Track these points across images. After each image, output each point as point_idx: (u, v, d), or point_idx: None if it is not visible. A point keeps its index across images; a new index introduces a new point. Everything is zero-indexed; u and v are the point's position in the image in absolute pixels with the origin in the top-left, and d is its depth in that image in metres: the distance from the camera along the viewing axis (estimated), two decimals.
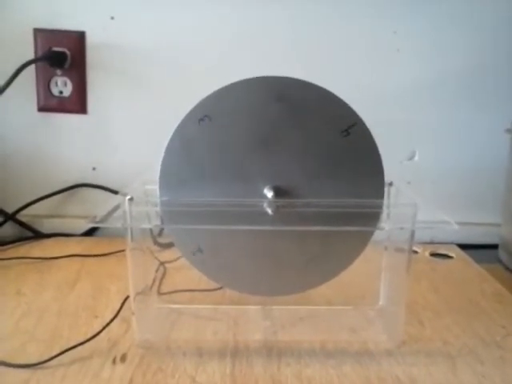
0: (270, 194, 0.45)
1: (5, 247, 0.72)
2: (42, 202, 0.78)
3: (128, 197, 0.42)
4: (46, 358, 0.44)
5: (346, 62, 0.77)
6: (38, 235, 0.78)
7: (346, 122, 0.45)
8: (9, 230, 0.77)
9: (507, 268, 0.72)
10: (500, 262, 0.74)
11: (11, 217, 0.77)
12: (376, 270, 0.53)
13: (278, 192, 0.45)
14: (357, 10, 0.76)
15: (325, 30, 0.76)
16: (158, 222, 0.46)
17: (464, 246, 0.77)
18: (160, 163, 0.45)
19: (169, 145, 0.45)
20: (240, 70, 0.73)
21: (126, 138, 0.79)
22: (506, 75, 0.74)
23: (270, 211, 0.44)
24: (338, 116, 0.45)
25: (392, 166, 0.47)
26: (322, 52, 0.77)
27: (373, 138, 0.46)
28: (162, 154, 0.45)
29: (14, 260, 0.67)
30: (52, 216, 0.80)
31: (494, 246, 0.77)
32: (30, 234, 0.78)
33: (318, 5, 0.75)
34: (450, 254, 0.74)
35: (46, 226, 0.79)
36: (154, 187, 0.46)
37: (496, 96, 0.79)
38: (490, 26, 0.77)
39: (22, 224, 0.78)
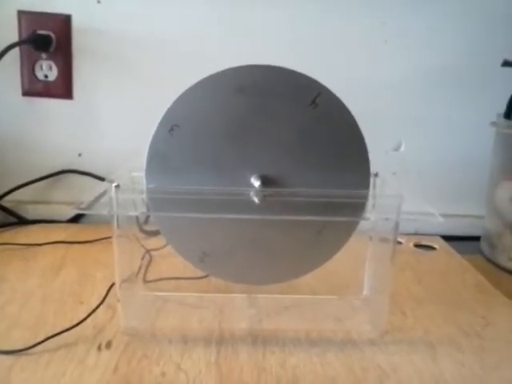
0: (257, 183, 0.45)
1: None
2: (26, 188, 0.77)
3: (114, 184, 0.42)
4: (30, 344, 0.44)
5: (332, 52, 0.77)
6: (22, 221, 0.77)
7: (310, 94, 0.44)
8: None
9: (489, 259, 0.73)
10: (482, 253, 0.75)
11: None
12: (361, 259, 0.53)
13: (266, 181, 0.45)
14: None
15: (311, 21, 0.76)
16: (144, 210, 0.46)
17: (448, 238, 0.78)
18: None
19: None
20: (229, 55, 0.73)
21: (112, 124, 0.78)
22: (495, 68, 0.74)
23: (256, 200, 0.44)
24: (301, 90, 0.44)
25: (378, 157, 0.47)
26: (309, 42, 0.76)
27: (342, 102, 0.45)
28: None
29: None
30: (37, 202, 0.79)
31: (477, 238, 0.78)
32: (14, 219, 0.77)
33: None
34: (434, 246, 0.75)
35: (30, 212, 0.78)
36: (141, 174, 0.46)
37: (484, 89, 0.80)
38: (481, 19, 0.77)
39: (5, 210, 0.77)
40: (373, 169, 0.47)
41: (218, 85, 0.44)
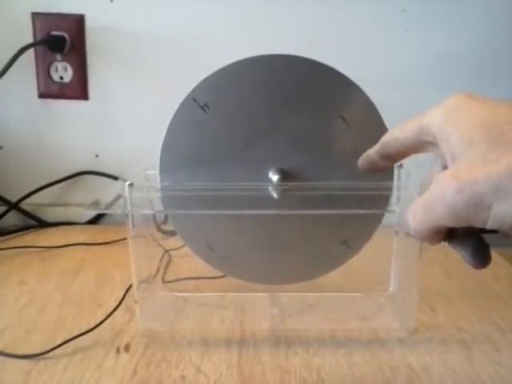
0: (275, 177, 0.43)
1: (8, 236, 0.71)
2: (45, 191, 0.77)
3: (128, 182, 0.41)
4: (48, 347, 0.43)
5: (352, 40, 0.75)
6: (41, 224, 0.77)
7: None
8: (12, 219, 0.76)
9: None
10: None
11: (14, 206, 0.76)
12: (386, 255, 0.51)
13: (285, 175, 0.43)
14: None
15: (330, 8, 0.73)
16: (161, 209, 0.44)
17: None
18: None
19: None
20: (244, 51, 0.72)
21: (128, 124, 0.77)
22: None
23: (275, 195, 0.42)
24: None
25: None
26: (328, 30, 0.74)
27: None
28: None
29: (17, 249, 0.66)
30: (55, 204, 0.79)
31: None
32: (33, 222, 0.77)
33: None
34: None
35: (49, 215, 0.78)
36: (156, 172, 0.45)
37: (510, 77, 0.77)
38: (504, 4, 0.74)
39: (25, 213, 0.77)
40: None
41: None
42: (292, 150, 0.43)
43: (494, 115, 0.25)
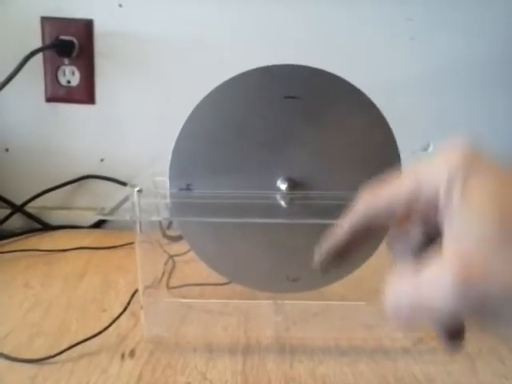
0: (283, 185, 0.43)
1: (13, 239, 0.71)
2: (50, 194, 0.77)
3: (137, 188, 0.41)
4: (53, 352, 0.43)
5: (358, 49, 0.75)
6: (46, 227, 0.77)
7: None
8: (17, 221, 0.76)
9: None
10: None
11: (19, 209, 0.76)
12: (390, 263, 0.51)
13: (293, 184, 0.43)
14: None
15: (336, 17, 0.74)
16: (167, 215, 0.44)
17: None
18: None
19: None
20: (253, 57, 0.72)
21: (135, 129, 0.77)
22: None
23: (283, 204, 0.42)
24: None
25: (406, 158, 0.46)
26: (334, 39, 0.75)
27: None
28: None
29: (22, 252, 0.66)
30: (60, 208, 0.79)
31: None
32: (38, 225, 0.77)
33: None
34: None
35: (54, 218, 0.78)
36: (164, 179, 0.45)
37: None
38: (510, 14, 0.74)
39: (30, 216, 0.77)
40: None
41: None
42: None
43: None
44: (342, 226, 0.28)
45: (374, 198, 0.26)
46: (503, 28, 0.75)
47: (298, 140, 0.43)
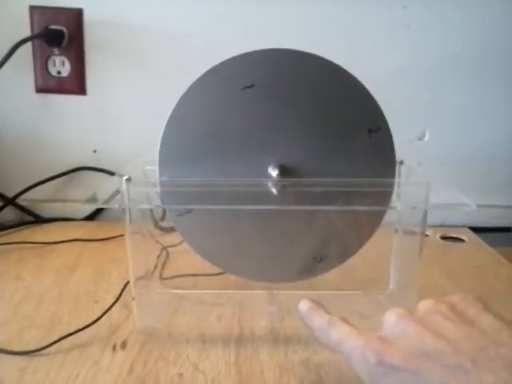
0: (274, 172, 0.42)
1: (5, 232, 0.71)
2: (42, 186, 0.76)
3: (125, 177, 0.40)
4: (44, 344, 0.42)
5: (352, 38, 0.74)
6: (38, 220, 0.76)
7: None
8: (9, 214, 0.76)
9: None
10: None
11: (11, 201, 0.75)
12: (386, 253, 0.50)
13: (284, 171, 0.42)
14: None
15: (330, 6, 0.73)
16: (159, 204, 0.44)
17: (476, 229, 0.74)
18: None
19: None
20: (244, 47, 0.71)
21: (127, 120, 0.76)
22: None
23: (274, 191, 0.42)
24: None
25: (401, 146, 0.45)
26: (328, 27, 0.74)
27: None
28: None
29: (13, 245, 0.65)
30: (52, 200, 0.78)
31: (507, 229, 0.75)
32: (30, 218, 0.76)
33: None
34: (462, 237, 0.72)
35: (46, 211, 0.77)
36: (154, 168, 0.44)
37: (509, 76, 0.76)
38: (506, 3, 0.74)
39: (22, 208, 0.76)
40: (397, 158, 0.45)
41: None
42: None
43: None
44: None
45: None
46: (499, 17, 0.74)
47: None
